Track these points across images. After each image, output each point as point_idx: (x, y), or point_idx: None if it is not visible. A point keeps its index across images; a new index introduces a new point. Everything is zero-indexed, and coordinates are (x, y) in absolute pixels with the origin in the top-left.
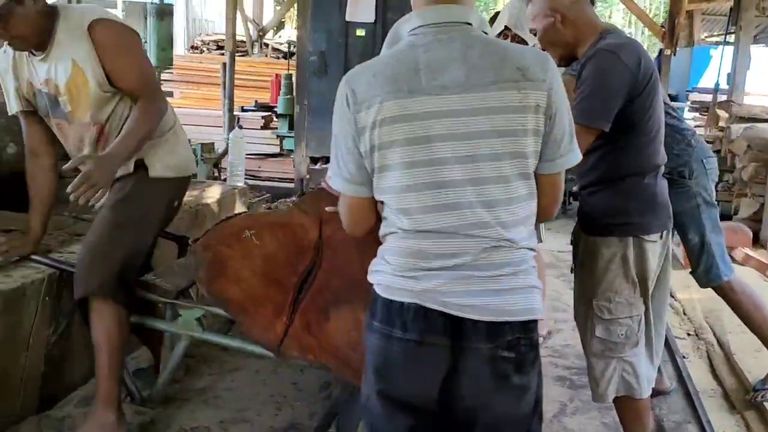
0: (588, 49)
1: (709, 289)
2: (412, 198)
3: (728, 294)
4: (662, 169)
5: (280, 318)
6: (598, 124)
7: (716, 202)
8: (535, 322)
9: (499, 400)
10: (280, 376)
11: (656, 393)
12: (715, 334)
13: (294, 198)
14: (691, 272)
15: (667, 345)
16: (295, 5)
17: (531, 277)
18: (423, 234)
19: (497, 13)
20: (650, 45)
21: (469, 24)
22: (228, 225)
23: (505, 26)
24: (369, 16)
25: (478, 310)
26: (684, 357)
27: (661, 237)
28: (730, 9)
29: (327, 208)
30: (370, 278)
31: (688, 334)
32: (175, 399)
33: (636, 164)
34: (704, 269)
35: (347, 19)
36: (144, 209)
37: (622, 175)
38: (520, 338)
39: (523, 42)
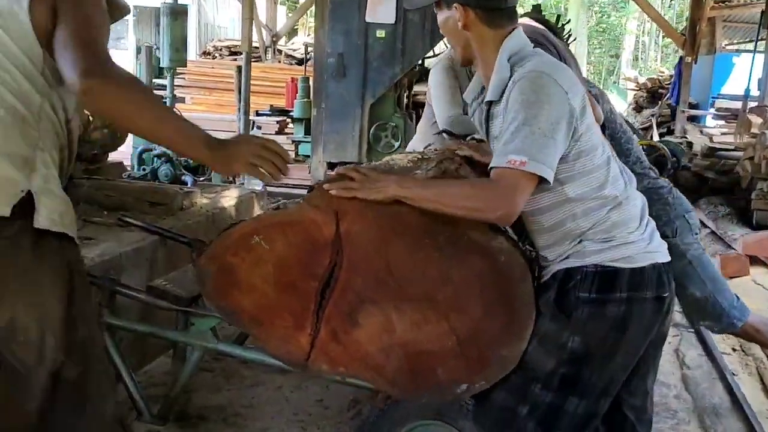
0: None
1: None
2: (611, 169)
3: (753, 335)
4: None
5: (303, 329)
6: None
7: (705, 253)
8: None
9: None
10: (304, 392)
11: None
12: (763, 349)
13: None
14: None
15: (715, 362)
16: (308, 11)
17: None
18: (629, 198)
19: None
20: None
21: None
22: (233, 232)
23: None
24: (389, 17)
25: None
26: (734, 374)
27: None
28: (762, 13)
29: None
30: (615, 253)
31: (734, 350)
32: (190, 416)
33: None
34: (714, 320)
35: (367, 19)
36: None
37: None
38: None
39: None
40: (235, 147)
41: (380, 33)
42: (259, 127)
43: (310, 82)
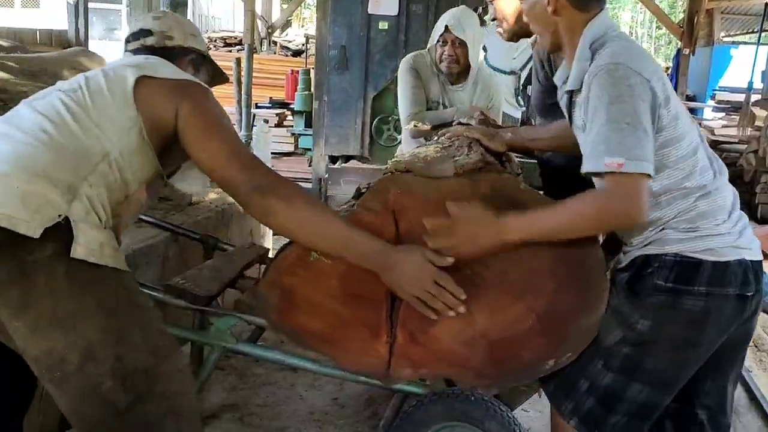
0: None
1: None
2: (698, 159)
3: None
4: None
5: (379, 337)
6: None
7: None
8: None
9: None
10: (318, 390)
11: None
12: None
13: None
14: None
15: None
16: (303, 3)
17: None
18: (719, 189)
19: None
20: (664, 44)
21: None
22: (289, 253)
23: (446, 26)
24: (392, 9)
25: None
26: (749, 371)
27: None
28: (765, 5)
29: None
30: (699, 244)
31: None
32: (205, 416)
33: None
34: None
35: (370, 11)
36: None
37: None
38: None
39: (464, 44)
40: (408, 270)
41: (383, 25)
42: (266, 121)
43: (311, 75)
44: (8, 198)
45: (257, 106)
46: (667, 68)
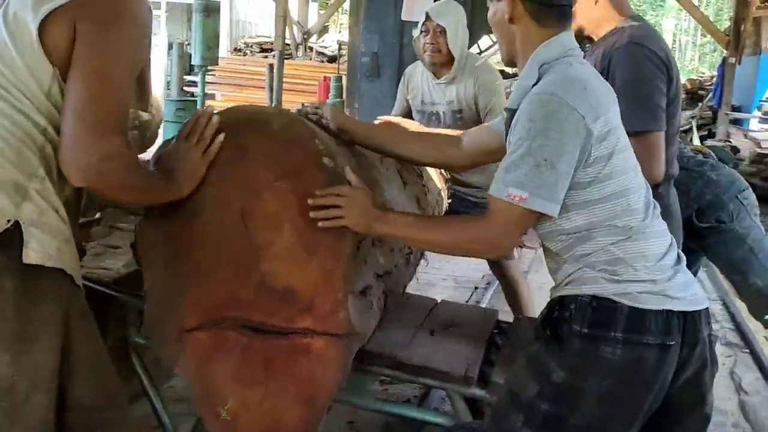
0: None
1: None
2: (629, 201)
3: None
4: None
5: None
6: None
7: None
8: None
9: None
10: (333, 413)
11: None
12: None
13: None
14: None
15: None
16: (341, 8)
17: None
18: (647, 234)
19: None
20: (709, 53)
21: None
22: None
23: (426, 14)
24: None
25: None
26: None
27: None
28: None
29: None
30: (616, 287)
31: None
32: None
33: None
34: None
35: (403, 18)
36: None
37: None
38: None
39: (444, 31)
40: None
41: (416, 32)
42: None
43: (343, 81)
44: None
45: None
46: (712, 77)
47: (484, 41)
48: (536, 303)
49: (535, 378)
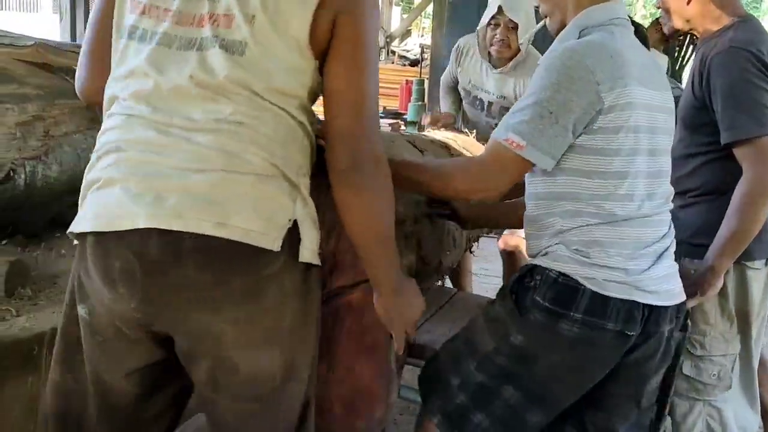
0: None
1: None
2: (625, 185)
3: None
4: None
5: None
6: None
7: None
8: None
9: None
10: None
11: None
12: None
13: None
14: None
15: None
16: (424, 12)
17: None
18: (634, 222)
19: None
20: None
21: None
22: None
23: (499, 7)
24: None
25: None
26: None
27: (767, 264)
28: None
29: None
30: (585, 270)
31: None
32: None
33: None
34: None
35: None
36: None
37: (726, 188)
38: None
39: (516, 26)
40: (414, 300)
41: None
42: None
43: (425, 85)
44: (239, 206)
45: None
46: None
47: None
48: None
49: (493, 336)
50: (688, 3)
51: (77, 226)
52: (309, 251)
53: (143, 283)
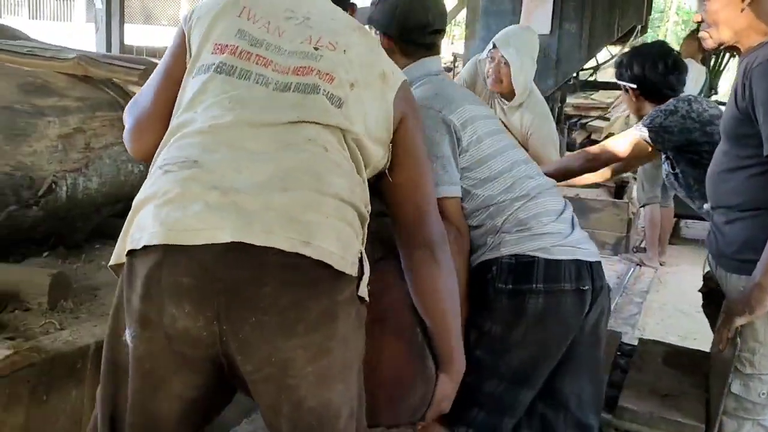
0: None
1: None
2: (515, 173)
3: None
4: None
5: None
6: None
7: None
8: None
9: None
10: None
11: None
12: None
13: None
14: None
15: None
16: (454, 20)
17: None
18: (543, 194)
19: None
20: None
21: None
22: None
23: (493, 42)
24: (544, 27)
25: None
26: None
27: None
28: None
29: None
30: (532, 243)
31: None
32: None
33: None
34: None
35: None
36: None
37: None
38: None
39: (507, 64)
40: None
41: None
42: None
43: None
44: (322, 227)
45: None
46: None
47: (603, 54)
48: (658, 322)
49: (469, 330)
50: (741, 11)
51: (139, 240)
52: (365, 287)
53: (214, 300)
